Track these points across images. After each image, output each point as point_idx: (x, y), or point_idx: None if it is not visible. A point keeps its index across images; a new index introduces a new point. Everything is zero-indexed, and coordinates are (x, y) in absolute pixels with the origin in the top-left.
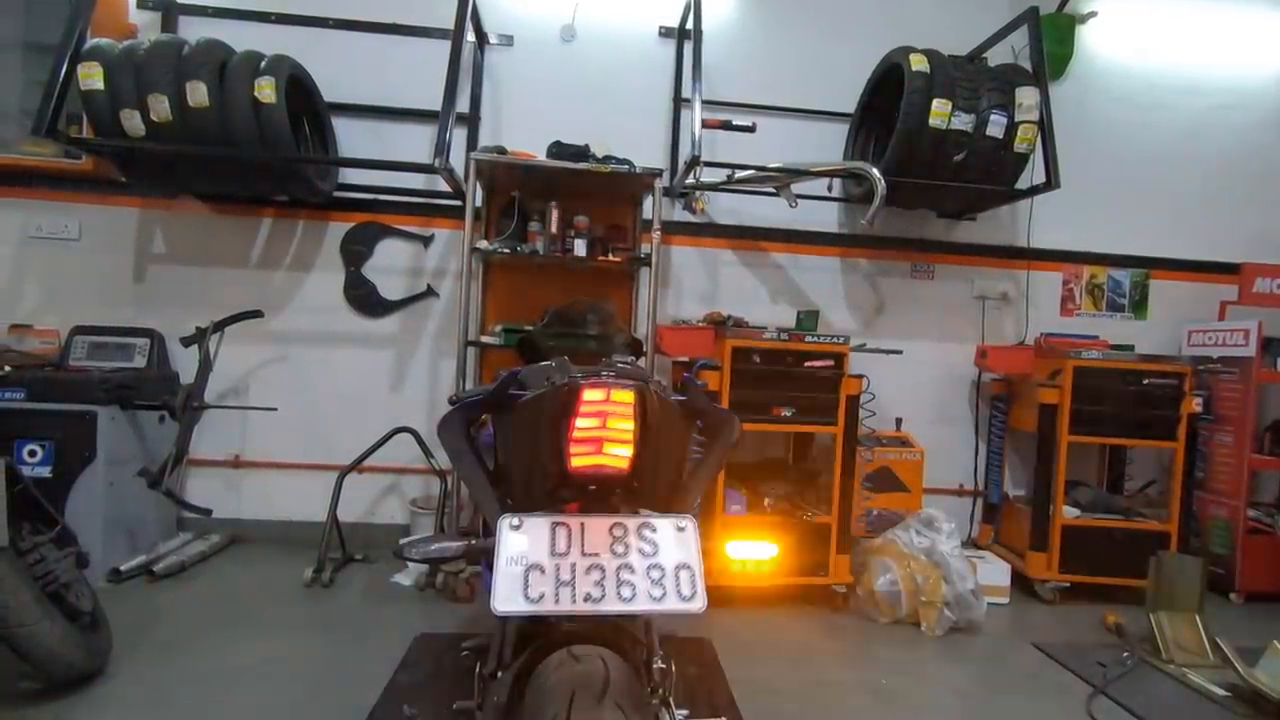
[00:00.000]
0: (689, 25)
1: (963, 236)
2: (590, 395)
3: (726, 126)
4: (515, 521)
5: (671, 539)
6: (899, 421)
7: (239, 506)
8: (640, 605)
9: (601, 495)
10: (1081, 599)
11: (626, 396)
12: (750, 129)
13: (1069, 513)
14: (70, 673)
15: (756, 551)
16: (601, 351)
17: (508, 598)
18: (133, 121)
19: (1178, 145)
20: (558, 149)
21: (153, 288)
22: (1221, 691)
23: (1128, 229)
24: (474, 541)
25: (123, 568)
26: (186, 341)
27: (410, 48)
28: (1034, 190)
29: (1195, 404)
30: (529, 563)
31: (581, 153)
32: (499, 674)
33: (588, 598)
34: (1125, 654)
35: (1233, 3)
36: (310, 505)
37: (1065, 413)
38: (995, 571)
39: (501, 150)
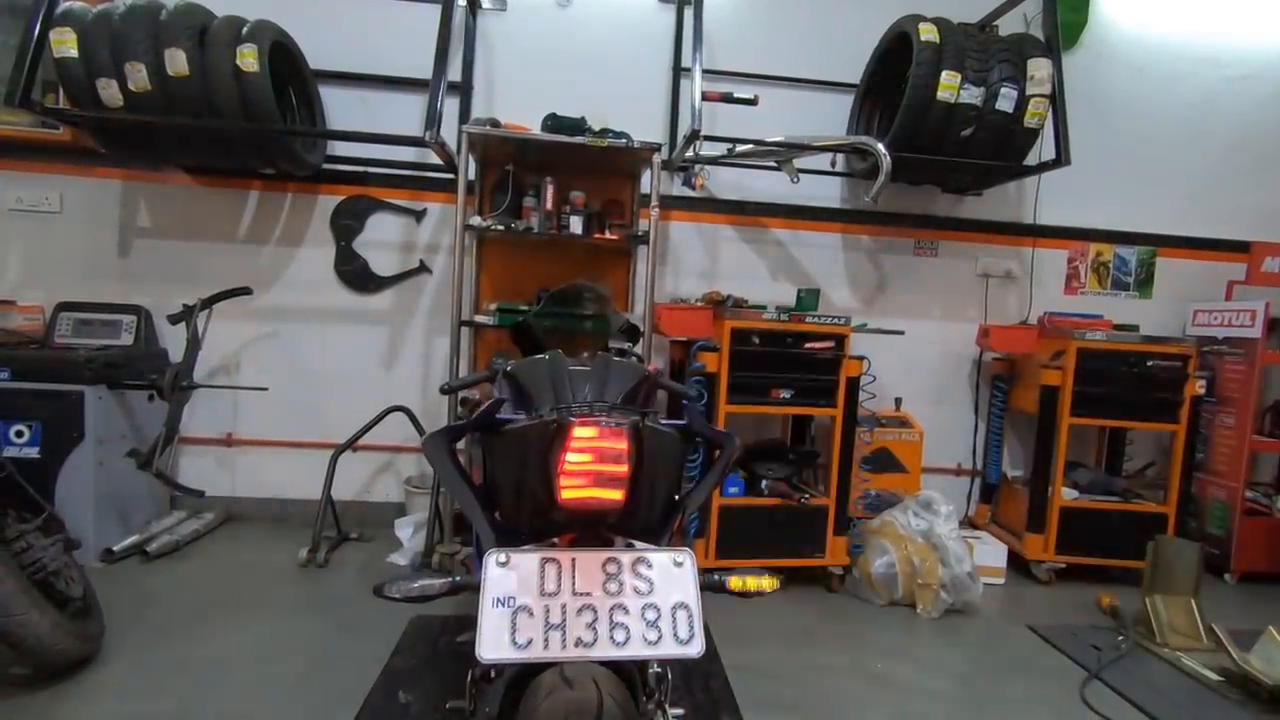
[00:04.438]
0: None
1: (968, 213)
2: (581, 433)
3: (728, 99)
4: (502, 558)
5: (668, 575)
6: (898, 401)
7: (232, 484)
8: (634, 650)
9: (593, 524)
10: (1077, 580)
11: (620, 441)
12: (752, 102)
13: (1067, 494)
14: (61, 660)
15: (756, 583)
16: (597, 333)
17: (494, 644)
18: (110, 91)
19: (1193, 118)
20: (553, 122)
21: (138, 262)
22: (1215, 676)
23: (1137, 205)
24: (458, 579)
25: (115, 548)
26: (174, 319)
27: (399, 12)
28: (1044, 166)
29: (1199, 386)
30: (517, 605)
31: (577, 126)
32: (491, 675)
33: (579, 642)
34: (1120, 637)
35: None
36: (304, 483)
37: (1067, 394)
38: (992, 552)
39: (495, 123)
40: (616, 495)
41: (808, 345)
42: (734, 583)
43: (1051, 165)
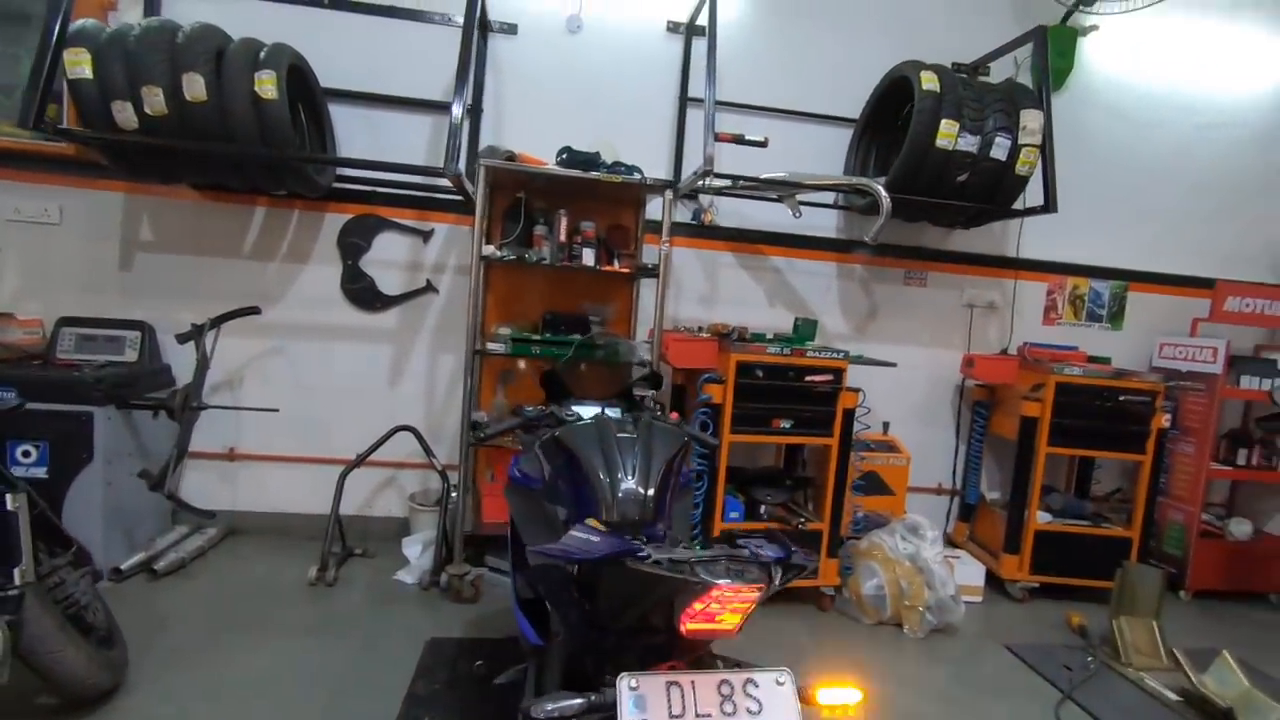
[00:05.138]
0: (698, 21)
1: (955, 245)
2: (722, 594)
3: (740, 141)
4: (633, 682)
5: (773, 694)
6: (886, 425)
7: (234, 498)
8: None
9: (699, 645)
10: (1048, 597)
11: (753, 595)
12: (763, 144)
13: (1042, 518)
14: (93, 693)
15: (844, 701)
16: (610, 361)
17: None
18: (125, 114)
19: (1166, 161)
20: (568, 156)
21: (140, 276)
22: (1174, 696)
23: (1112, 241)
24: (594, 698)
25: (124, 566)
26: (183, 338)
27: (407, 32)
28: (1031, 211)
29: (1165, 420)
30: None
31: (592, 161)
32: None
33: None
34: (1089, 658)
35: (1227, 21)
36: (306, 497)
37: (1045, 425)
38: (971, 572)
39: (511, 156)
40: (731, 627)
41: (808, 378)
42: (824, 700)
43: (1040, 211)
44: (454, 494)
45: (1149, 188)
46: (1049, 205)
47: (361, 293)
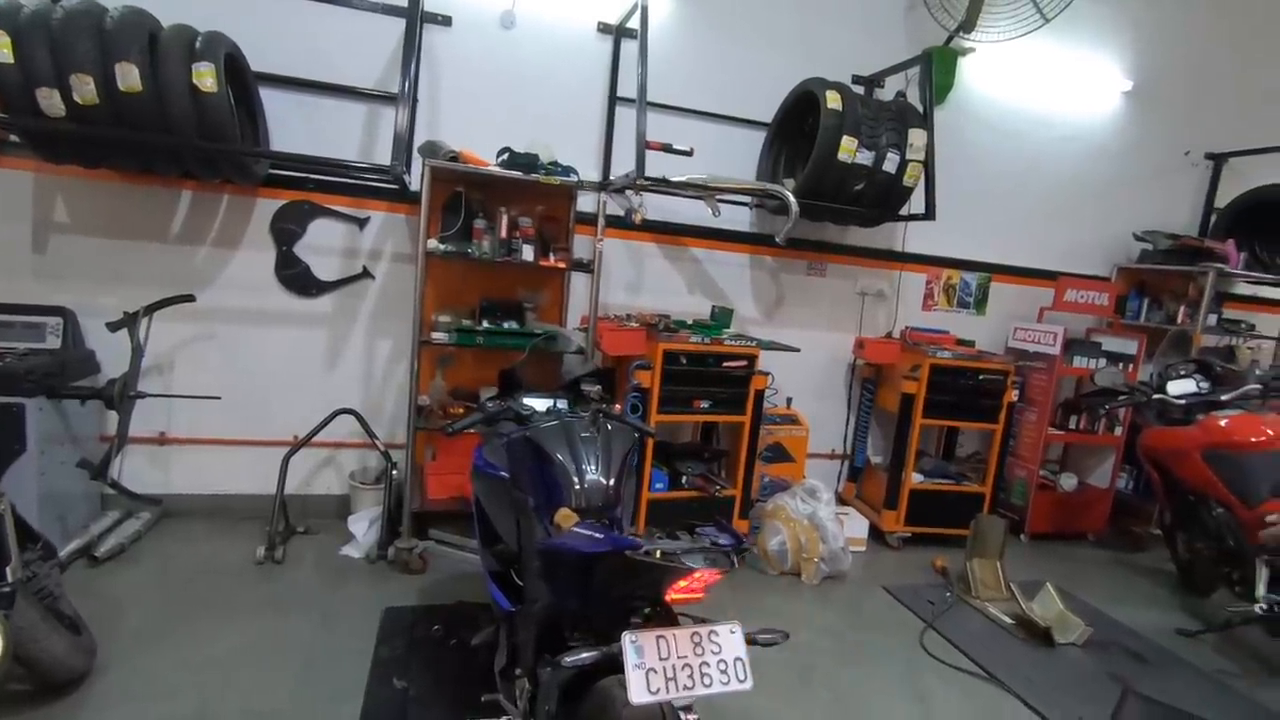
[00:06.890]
0: (628, 24)
1: (852, 240)
2: (701, 576)
3: (667, 149)
4: (634, 637)
5: (728, 640)
6: (789, 400)
7: (167, 482)
8: (715, 689)
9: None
10: (919, 545)
11: (721, 575)
12: (688, 153)
13: (915, 479)
14: (72, 677)
15: (770, 637)
16: (548, 350)
17: (639, 691)
18: (51, 101)
19: (1025, 168)
20: (509, 157)
21: (56, 260)
22: (1009, 620)
23: (980, 238)
24: (601, 651)
25: (62, 554)
26: (114, 326)
27: (338, 17)
28: (914, 217)
29: (1014, 395)
30: (647, 666)
31: (532, 163)
32: (518, 674)
33: (685, 686)
34: (947, 594)
35: (1075, 50)
36: (241, 478)
37: (920, 401)
38: (858, 526)
39: (454, 156)
40: (702, 596)
41: (725, 364)
42: (760, 640)
43: (921, 218)
44: (395, 472)
45: (1010, 191)
46: (929, 213)
47: (296, 278)
